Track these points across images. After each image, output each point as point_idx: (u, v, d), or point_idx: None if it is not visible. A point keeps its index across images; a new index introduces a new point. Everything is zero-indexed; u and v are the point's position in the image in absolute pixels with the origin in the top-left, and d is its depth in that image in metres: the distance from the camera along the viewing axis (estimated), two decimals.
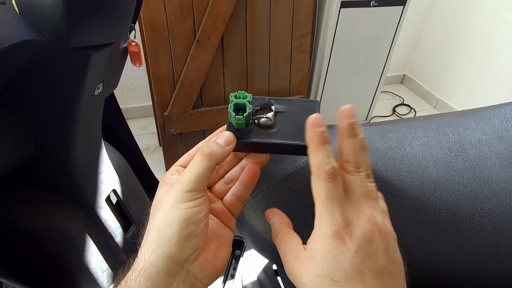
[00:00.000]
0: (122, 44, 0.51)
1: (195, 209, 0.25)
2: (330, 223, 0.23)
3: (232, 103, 0.28)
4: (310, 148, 0.25)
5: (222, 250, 0.28)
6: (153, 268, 0.23)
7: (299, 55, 1.44)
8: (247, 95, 0.29)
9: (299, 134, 0.28)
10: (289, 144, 0.28)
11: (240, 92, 0.29)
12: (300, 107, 0.31)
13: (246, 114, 0.28)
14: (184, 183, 0.25)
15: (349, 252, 0.22)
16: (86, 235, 0.62)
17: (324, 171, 0.24)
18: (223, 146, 0.27)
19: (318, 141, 0.25)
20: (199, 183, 0.25)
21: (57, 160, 0.55)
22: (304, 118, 0.29)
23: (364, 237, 0.23)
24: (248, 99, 0.29)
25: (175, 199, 0.25)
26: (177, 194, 0.25)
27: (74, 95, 0.46)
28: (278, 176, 0.38)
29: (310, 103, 0.31)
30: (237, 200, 0.30)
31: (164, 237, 0.24)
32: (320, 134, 0.25)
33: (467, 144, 0.38)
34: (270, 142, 0.28)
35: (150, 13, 1.12)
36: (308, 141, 0.26)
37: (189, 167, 0.26)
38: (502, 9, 1.68)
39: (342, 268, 0.22)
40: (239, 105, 0.29)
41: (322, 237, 0.23)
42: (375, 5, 1.41)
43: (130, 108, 1.81)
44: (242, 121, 0.28)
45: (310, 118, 0.26)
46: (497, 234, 0.31)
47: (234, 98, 0.29)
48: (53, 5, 0.34)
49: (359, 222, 0.23)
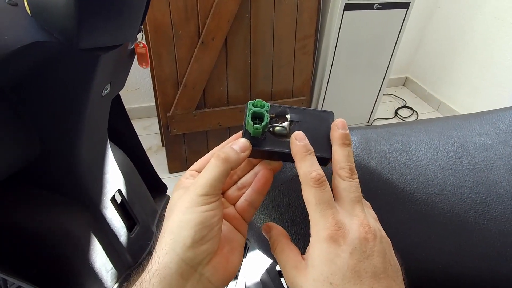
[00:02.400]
0: (129, 46, 0.51)
1: (210, 213, 0.25)
2: (323, 228, 0.24)
3: (250, 112, 0.29)
4: (296, 160, 0.27)
5: (234, 254, 0.28)
6: (167, 270, 0.24)
7: (302, 57, 1.45)
8: (265, 104, 0.29)
9: (313, 145, 0.28)
10: None
11: (258, 100, 0.29)
12: (315, 117, 0.31)
13: (264, 124, 0.28)
14: (199, 186, 0.26)
15: (344, 254, 0.23)
16: (90, 234, 0.62)
17: (311, 178, 0.25)
18: (238, 152, 0.27)
19: (302, 153, 0.27)
20: (214, 187, 0.26)
21: (62, 161, 0.55)
22: (318, 129, 0.29)
23: (359, 238, 0.23)
24: (266, 108, 0.29)
25: (190, 202, 0.25)
26: (192, 197, 0.25)
27: (81, 96, 0.46)
28: (283, 178, 0.38)
29: (324, 114, 0.31)
30: (249, 206, 0.31)
31: (178, 240, 0.24)
32: (303, 146, 0.27)
33: (472, 147, 0.39)
34: (285, 151, 0.29)
35: (154, 14, 1.13)
36: (293, 154, 0.28)
37: (204, 171, 0.26)
38: (504, 11, 1.68)
39: (340, 271, 0.23)
40: (256, 114, 0.29)
41: (318, 242, 0.24)
42: (378, 8, 1.41)
43: (133, 108, 1.82)
44: (260, 130, 0.28)
45: (293, 134, 0.28)
46: (502, 236, 0.31)
47: (252, 106, 0.29)
48: (64, 7, 0.34)
49: (353, 225, 0.24)
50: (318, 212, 0.25)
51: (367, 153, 0.39)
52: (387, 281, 0.23)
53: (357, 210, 0.25)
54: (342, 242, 0.23)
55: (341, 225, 0.24)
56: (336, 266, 0.23)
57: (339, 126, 0.29)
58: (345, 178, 0.26)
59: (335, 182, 0.27)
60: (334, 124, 0.29)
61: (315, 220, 0.25)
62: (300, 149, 0.27)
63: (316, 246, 0.24)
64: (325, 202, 0.25)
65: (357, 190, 0.26)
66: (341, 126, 0.29)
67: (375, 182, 0.37)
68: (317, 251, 0.24)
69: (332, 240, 0.23)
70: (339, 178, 0.26)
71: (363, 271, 0.23)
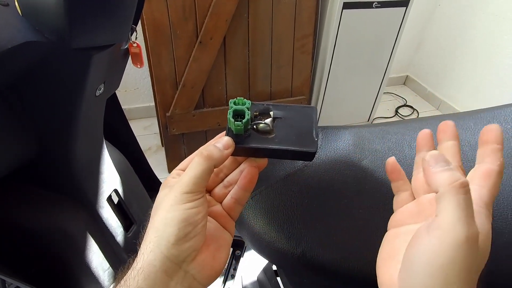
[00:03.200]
0: (123, 45, 0.51)
1: (193, 210, 0.25)
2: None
3: (231, 110, 0.29)
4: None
5: (220, 252, 0.28)
6: (151, 268, 0.24)
7: (301, 56, 1.44)
8: (246, 102, 0.30)
9: (297, 140, 0.29)
10: (287, 149, 0.29)
11: (239, 98, 0.30)
12: (298, 113, 0.31)
13: (244, 121, 0.28)
14: (182, 184, 0.26)
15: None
16: (87, 234, 0.62)
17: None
18: (221, 149, 0.28)
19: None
20: (197, 185, 0.26)
21: (59, 160, 0.55)
22: (301, 124, 0.29)
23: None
24: (247, 106, 0.29)
25: (174, 200, 0.25)
26: (176, 195, 0.25)
27: (75, 95, 0.46)
28: (276, 177, 0.38)
29: (307, 109, 0.32)
30: (236, 203, 0.31)
31: (162, 237, 0.24)
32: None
33: (465, 145, 0.38)
34: (268, 147, 0.29)
35: (153, 14, 1.13)
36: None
37: (188, 169, 0.27)
38: (505, 10, 1.67)
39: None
40: (238, 111, 0.29)
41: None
42: (377, 6, 1.40)
43: (132, 108, 1.82)
44: (241, 127, 0.29)
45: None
46: (494, 236, 0.31)
47: (234, 104, 0.29)
48: (55, 6, 0.34)
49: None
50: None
51: (360, 151, 0.39)
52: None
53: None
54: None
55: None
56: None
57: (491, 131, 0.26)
58: None
59: None
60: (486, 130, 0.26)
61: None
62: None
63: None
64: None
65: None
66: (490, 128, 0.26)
67: (367, 181, 0.37)
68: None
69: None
70: None
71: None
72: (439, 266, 0.19)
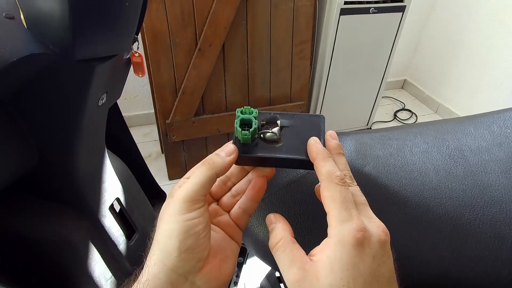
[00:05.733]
0: (125, 55, 0.52)
1: (194, 221, 0.25)
2: (349, 229, 0.23)
3: (238, 119, 0.29)
4: (318, 159, 0.27)
5: (227, 262, 0.28)
6: (156, 281, 0.24)
7: (300, 62, 1.45)
8: (253, 111, 0.30)
9: (304, 149, 0.29)
10: (294, 158, 0.29)
11: (246, 107, 0.30)
12: (305, 122, 0.31)
13: (252, 130, 0.28)
14: (182, 192, 0.25)
15: (368, 258, 0.22)
16: (89, 243, 0.62)
17: (336, 176, 0.25)
18: (223, 157, 0.28)
19: (324, 153, 0.27)
20: (197, 193, 0.25)
21: (61, 170, 0.55)
22: (309, 133, 0.29)
23: (379, 242, 0.23)
24: (254, 115, 0.29)
25: (173, 210, 0.25)
26: (175, 204, 0.25)
27: (78, 106, 0.46)
28: (280, 184, 0.38)
29: (315, 118, 0.32)
30: (244, 213, 0.31)
31: (165, 250, 0.24)
32: (324, 149, 0.28)
33: (466, 150, 0.39)
34: (276, 156, 0.29)
35: (152, 22, 1.14)
36: (314, 154, 0.27)
37: (190, 178, 0.26)
38: (500, 13, 1.69)
39: (361, 276, 0.22)
40: (245, 121, 0.29)
41: (342, 245, 0.23)
42: (374, 12, 1.42)
43: (132, 115, 1.83)
44: (248, 136, 0.28)
45: (311, 138, 0.29)
46: (497, 240, 0.31)
47: (240, 113, 0.29)
48: (59, 19, 0.34)
49: (373, 228, 0.24)
50: (344, 211, 0.24)
51: (362, 158, 0.39)
52: (395, 286, 0.23)
53: (370, 213, 0.25)
54: (367, 245, 0.23)
55: (365, 227, 0.23)
56: (359, 271, 0.22)
57: (332, 137, 0.30)
58: (350, 184, 0.26)
59: None
60: (328, 135, 0.30)
61: (340, 219, 0.23)
62: (322, 150, 0.27)
63: (337, 248, 0.23)
64: (350, 201, 0.24)
65: (362, 194, 0.26)
66: (334, 136, 0.30)
67: (370, 187, 0.37)
68: (339, 254, 0.22)
69: (358, 243, 0.22)
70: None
71: (381, 276, 0.22)
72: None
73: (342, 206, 0.24)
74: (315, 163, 0.27)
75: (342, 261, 0.22)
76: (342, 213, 0.24)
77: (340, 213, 0.24)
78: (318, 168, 0.27)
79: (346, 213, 0.24)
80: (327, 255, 0.23)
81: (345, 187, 0.25)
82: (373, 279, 0.22)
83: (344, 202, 0.24)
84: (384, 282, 0.22)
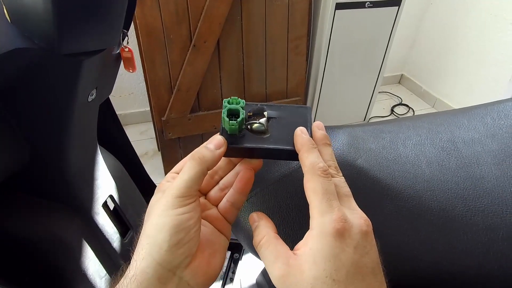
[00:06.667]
0: (115, 50, 0.51)
1: (185, 215, 0.24)
2: (330, 220, 0.23)
3: (225, 109, 0.29)
4: (302, 151, 0.27)
5: (216, 257, 0.27)
6: (144, 275, 0.23)
7: (296, 57, 1.45)
8: (240, 101, 0.30)
9: (291, 140, 0.28)
10: (282, 149, 0.29)
11: (233, 98, 0.30)
12: (292, 113, 0.31)
13: (239, 120, 0.28)
14: (174, 188, 0.25)
15: (349, 249, 0.22)
16: (83, 241, 0.61)
17: (319, 168, 0.25)
18: (213, 150, 0.27)
19: (309, 144, 0.27)
20: (189, 188, 0.25)
21: (52, 167, 0.55)
22: (296, 124, 0.29)
23: (361, 233, 0.23)
24: (241, 105, 0.29)
25: (165, 205, 0.25)
26: (167, 199, 0.25)
27: (67, 101, 0.46)
28: (272, 179, 0.38)
29: (302, 109, 0.32)
30: (232, 207, 0.30)
31: (154, 244, 0.24)
32: (309, 139, 0.28)
33: (459, 142, 0.38)
34: (263, 147, 0.29)
35: (146, 19, 1.13)
36: (299, 145, 0.27)
37: (181, 173, 0.26)
38: (497, 7, 1.69)
39: (344, 267, 0.22)
40: (232, 111, 0.29)
41: (322, 236, 0.23)
42: (370, 6, 1.41)
43: (128, 113, 1.82)
44: (236, 127, 0.28)
45: (297, 128, 0.29)
46: (489, 232, 0.31)
47: (228, 103, 0.29)
48: (43, 12, 0.34)
49: (354, 219, 0.24)
50: (325, 202, 0.24)
51: (354, 151, 0.39)
52: (381, 276, 0.23)
53: (353, 204, 0.25)
54: (347, 236, 0.23)
55: (346, 218, 0.23)
56: (341, 262, 0.22)
57: (319, 127, 0.30)
58: (334, 175, 0.26)
59: None
60: (315, 125, 0.30)
61: (321, 210, 0.23)
62: (307, 141, 0.27)
63: (321, 239, 0.23)
64: (332, 193, 0.24)
65: (346, 185, 0.26)
66: (321, 127, 0.30)
67: (362, 180, 0.36)
68: (322, 245, 0.22)
69: (338, 234, 0.22)
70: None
71: (364, 266, 0.22)
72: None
73: (323, 197, 0.24)
74: (300, 155, 0.27)
75: (323, 252, 0.22)
76: (323, 205, 0.24)
77: (321, 205, 0.24)
78: (302, 160, 0.26)
79: (327, 205, 0.23)
80: (310, 247, 0.23)
81: (327, 179, 0.25)
82: (356, 269, 0.22)
83: (326, 193, 0.24)
84: (367, 272, 0.22)
